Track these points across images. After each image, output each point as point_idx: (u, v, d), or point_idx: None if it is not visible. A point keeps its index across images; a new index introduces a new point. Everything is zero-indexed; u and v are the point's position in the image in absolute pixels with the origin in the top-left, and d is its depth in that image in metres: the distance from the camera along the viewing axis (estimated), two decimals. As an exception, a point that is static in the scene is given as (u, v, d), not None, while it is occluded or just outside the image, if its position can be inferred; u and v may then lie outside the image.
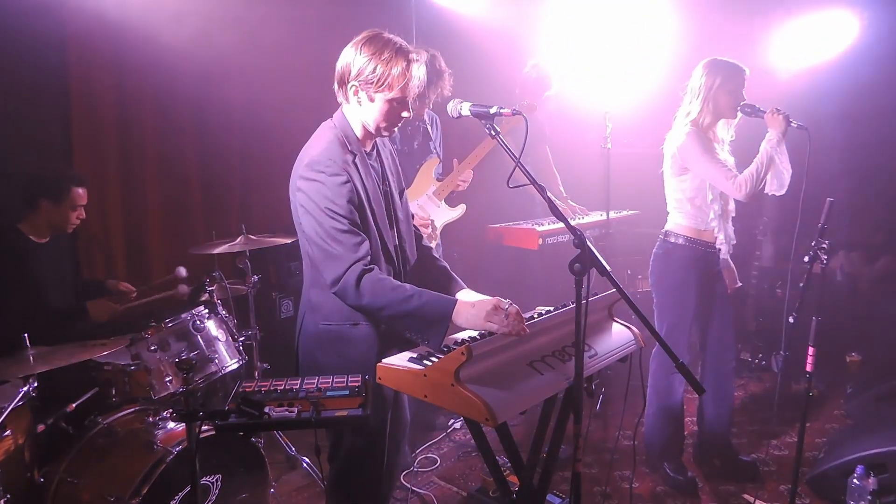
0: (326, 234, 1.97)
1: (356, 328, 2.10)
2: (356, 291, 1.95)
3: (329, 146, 2.05)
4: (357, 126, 2.11)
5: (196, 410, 1.83)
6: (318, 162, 2.00)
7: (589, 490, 3.23)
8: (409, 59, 1.99)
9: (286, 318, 4.01)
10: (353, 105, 2.07)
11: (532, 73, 4.29)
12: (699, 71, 3.07)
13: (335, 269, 1.97)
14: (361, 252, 1.98)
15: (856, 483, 2.76)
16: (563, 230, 3.96)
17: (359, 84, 2.01)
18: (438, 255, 2.48)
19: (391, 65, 1.96)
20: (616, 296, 2.15)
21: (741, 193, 2.93)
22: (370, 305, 1.97)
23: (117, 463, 2.50)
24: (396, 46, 1.99)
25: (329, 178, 1.98)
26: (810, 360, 2.68)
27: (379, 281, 1.97)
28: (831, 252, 2.63)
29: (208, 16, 3.74)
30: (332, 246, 1.97)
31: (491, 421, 1.67)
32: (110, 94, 3.61)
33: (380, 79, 1.96)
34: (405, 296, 1.95)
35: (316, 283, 2.12)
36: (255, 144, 4.23)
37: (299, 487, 3.30)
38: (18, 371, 2.25)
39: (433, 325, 1.94)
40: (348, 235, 1.97)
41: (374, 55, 1.97)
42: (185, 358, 2.01)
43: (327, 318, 2.11)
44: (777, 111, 2.93)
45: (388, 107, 2.02)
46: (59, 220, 3.03)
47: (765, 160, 2.91)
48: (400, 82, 1.98)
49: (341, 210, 1.97)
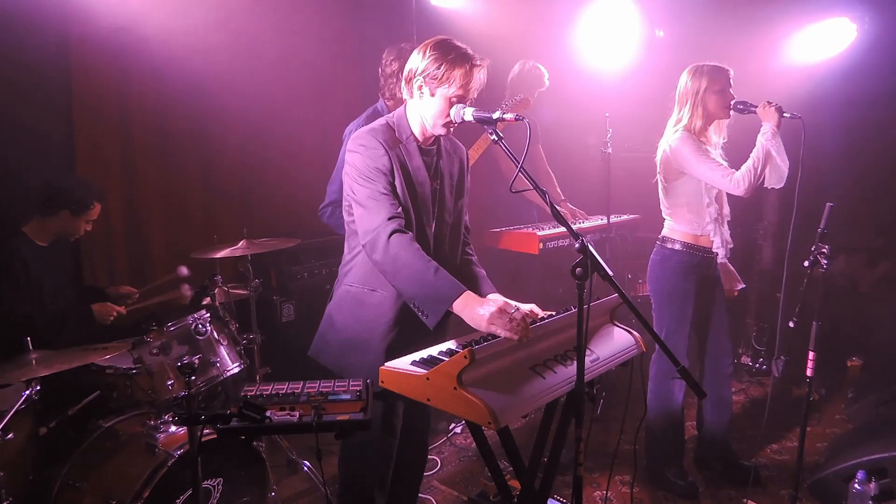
0: (366, 196, 2.13)
1: (373, 294, 2.26)
2: (385, 244, 2.05)
3: (376, 127, 2.23)
4: (415, 120, 2.24)
5: (198, 414, 1.84)
6: (360, 136, 2.20)
7: (590, 495, 3.23)
8: (472, 63, 2.13)
9: (287, 321, 4.01)
10: (416, 100, 2.20)
11: (522, 73, 4.29)
12: (684, 78, 3.10)
13: (372, 220, 2.10)
14: (398, 211, 2.12)
15: (857, 488, 2.75)
16: (564, 234, 3.97)
17: (423, 79, 2.14)
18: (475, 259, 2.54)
19: (455, 64, 2.10)
20: (617, 300, 2.16)
21: (740, 189, 2.93)
22: (393, 263, 2.06)
23: (119, 466, 2.50)
24: (462, 50, 2.13)
25: (368, 149, 2.16)
26: (810, 365, 2.69)
27: (410, 243, 2.08)
28: (832, 257, 2.63)
29: (209, 21, 3.76)
30: (371, 203, 2.12)
31: (493, 424, 1.67)
32: (112, 100, 3.62)
33: (443, 76, 2.10)
34: (426, 265, 2.04)
35: (350, 251, 2.33)
36: (256, 149, 4.24)
37: (300, 491, 3.30)
38: (21, 375, 2.26)
39: (436, 302, 2.01)
40: (387, 197, 2.12)
41: (441, 55, 2.11)
42: (186, 362, 2.01)
43: (351, 282, 2.31)
44: (769, 103, 2.95)
45: (446, 104, 2.13)
46: (70, 230, 3.07)
47: (761, 154, 2.92)
48: (461, 81, 2.11)
49: (379, 176, 2.13)
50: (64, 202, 2.97)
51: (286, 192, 4.35)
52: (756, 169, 2.91)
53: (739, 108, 3.02)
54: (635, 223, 4.54)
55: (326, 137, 4.46)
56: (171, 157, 3.90)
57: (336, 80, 4.62)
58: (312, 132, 4.45)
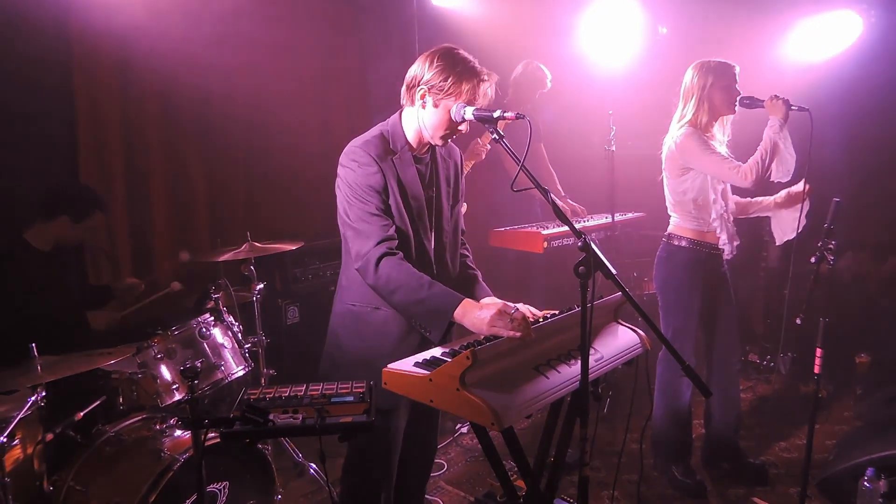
0: (356, 216, 2.11)
1: (376, 312, 2.21)
2: (375, 269, 2.04)
3: (369, 140, 2.17)
4: (411, 129, 2.20)
5: (201, 418, 1.84)
6: (352, 151, 2.15)
7: (597, 494, 3.21)
8: (480, 77, 2.09)
9: (292, 324, 4.01)
10: (417, 108, 2.15)
11: (524, 73, 4.29)
12: (690, 74, 3.08)
13: (362, 245, 2.08)
14: (388, 233, 2.09)
15: (866, 485, 2.73)
16: (569, 233, 3.92)
17: (427, 89, 2.10)
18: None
19: (463, 78, 2.06)
20: (621, 299, 2.14)
21: (748, 181, 2.92)
22: (386, 286, 2.05)
23: (125, 471, 2.50)
24: (471, 64, 2.10)
25: (360, 166, 2.11)
26: (818, 362, 2.67)
27: (399, 264, 2.06)
28: (838, 253, 2.61)
29: (213, 24, 3.76)
30: (361, 225, 2.10)
31: (497, 425, 1.67)
32: (116, 104, 3.62)
33: (450, 88, 2.06)
34: (419, 283, 2.03)
35: (348, 265, 2.26)
36: (259, 152, 4.24)
37: (306, 494, 3.30)
38: (27, 381, 2.26)
39: (435, 317, 2.01)
40: (377, 218, 2.10)
41: (449, 66, 2.07)
42: (189, 366, 2.01)
43: (353, 300, 2.26)
44: (776, 97, 2.94)
45: (449, 117, 2.10)
46: (69, 238, 3.03)
47: (769, 146, 2.91)
48: (467, 96, 2.07)
49: (370, 196, 2.10)
50: (64, 208, 2.95)
51: (290, 195, 4.35)
52: (764, 161, 2.90)
53: (746, 102, 3.01)
54: (640, 221, 4.53)
55: (329, 140, 4.46)
56: (174, 161, 3.90)
57: (339, 81, 4.62)
58: (315, 137, 4.45)
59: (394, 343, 2.19)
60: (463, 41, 2.20)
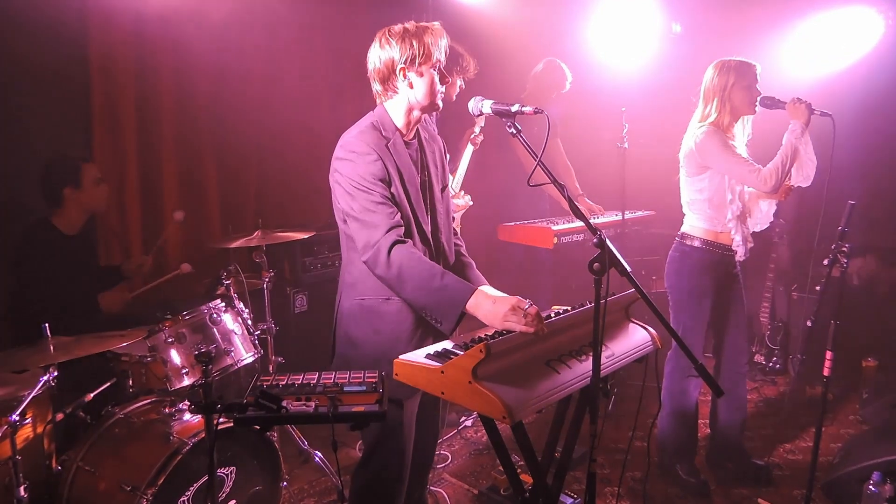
0: (361, 208, 2.07)
1: (388, 303, 2.17)
2: (387, 259, 2.01)
3: (363, 131, 2.16)
4: (399, 115, 2.19)
5: (214, 403, 1.85)
6: (349, 143, 2.13)
7: (601, 490, 3.22)
8: (428, 28, 2.12)
9: (300, 312, 4.03)
10: (403, 91, 2.15)
11: (545, 70, 4.28)
12: (710, 73, 3.05)
13: (370, 235, 2.04)
14: (396, 220, 2.07)
15: (872, 490, 2.73)
16: (579, 229, 3.95)
17: (406, 65, 2.10)
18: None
19: (422, 37, 2.09)
20: (634, 296, 2.14)
21: (767, 186, 2.89)
22: (398, 276, 2.02)
23: (133, 453, 2.52)
24: (414, 25, 2.12)
25: (360, 156, 2.08)
26: (828, 365, 2.66)
27: (411, 253, 2.04)
28: (851, 256, 2.60)
29: (226, 12, 3.76)
30: (367, 216, 2.06)
31: (509, 419, 1.67)
32: (131, 90, 3.64)
33: (422, 52, 2.08)
34: (432, 273, 2.01)
35: (351, 262, 2.23)
36: (271, 140, 4.24)
37: (311, 481, 3.32)
38: (39, 360, 2.28)
39: (449, 308, 1.99)
40: (383, 206, 2.06)
41: (404, 38, 2.09)
42: (204, 350, 2.02)
43: (362, 294, 2.20)
44: (799, 100, 2.91)
45: (434, 77, 2.13)
46: (90, 201, 3.09)
47: (789, 151, 2.88)
48: (436, 47, 2.10)
49: (374, 185, 2.07)
50: (59, 181, 3.00)
51: (301, 185, 4.35)
52: (784, 166, 2.88)
53: (767, 103, 2.98)
54: (650, 219, 4.52)
55: (341, 130, 4.44)
56: (188, 148, 3.91)
57: (352, 72, 4.61)
58: (327, 125, 4.44)
59: (410, 331, 2.17)
60: (477, 33, 2.21)
